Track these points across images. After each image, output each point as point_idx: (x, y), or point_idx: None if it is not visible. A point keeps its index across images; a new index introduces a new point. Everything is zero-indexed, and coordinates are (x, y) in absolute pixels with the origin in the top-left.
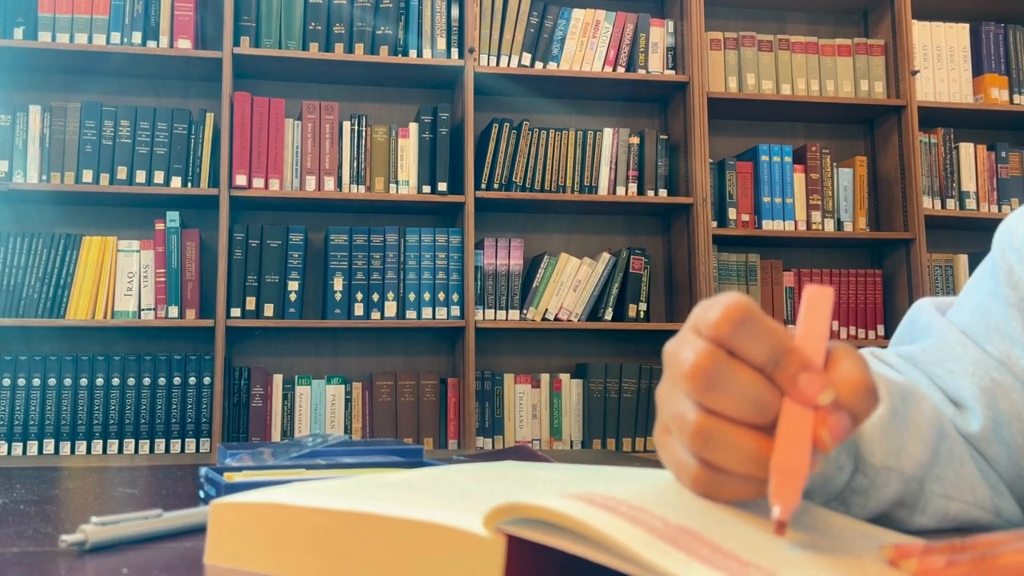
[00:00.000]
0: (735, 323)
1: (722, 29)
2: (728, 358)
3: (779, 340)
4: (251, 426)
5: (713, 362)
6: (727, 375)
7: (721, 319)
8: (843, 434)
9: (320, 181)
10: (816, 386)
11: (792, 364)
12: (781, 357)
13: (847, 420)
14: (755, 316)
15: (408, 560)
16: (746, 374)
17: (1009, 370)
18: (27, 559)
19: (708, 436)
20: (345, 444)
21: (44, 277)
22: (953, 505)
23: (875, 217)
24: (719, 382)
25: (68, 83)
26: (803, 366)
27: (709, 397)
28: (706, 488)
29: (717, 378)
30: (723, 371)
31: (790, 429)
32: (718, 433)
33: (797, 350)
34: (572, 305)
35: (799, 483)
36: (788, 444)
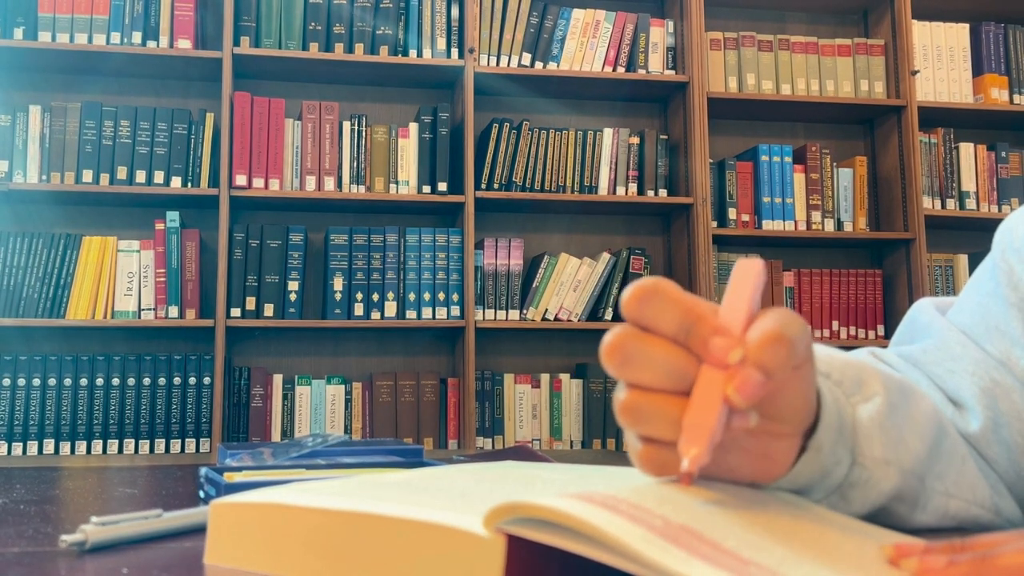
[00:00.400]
0: (640, 299)
1: (722, 29)
2: (639, 332)
3: (687, 309)
4: (251, 426)
5: (623, 338)
6: (638, 348)
7: (627, 298)
8: (752, 389)
9: (320, 181)
10: (725, 347)
11: (703, 329)
12: (691, 325)
13: (755, 375)
14: (660, 290)
15: (408, 560)
16: (658, 345)
17: (1009, 370)
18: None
19: (635, 409)
20: (345, 444)
21: (44, 277)
22: (953, 503)
23: (875, 217)
24: (632, 356)
25: (68, 83)
26: (714, 331)
27: (626, 372)
28: (653, 464)
29: (629, 352)
30: (634, 345)
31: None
32: (643, 404)
33: (706, 317)
34: (572, 305)
35: (705, 436)
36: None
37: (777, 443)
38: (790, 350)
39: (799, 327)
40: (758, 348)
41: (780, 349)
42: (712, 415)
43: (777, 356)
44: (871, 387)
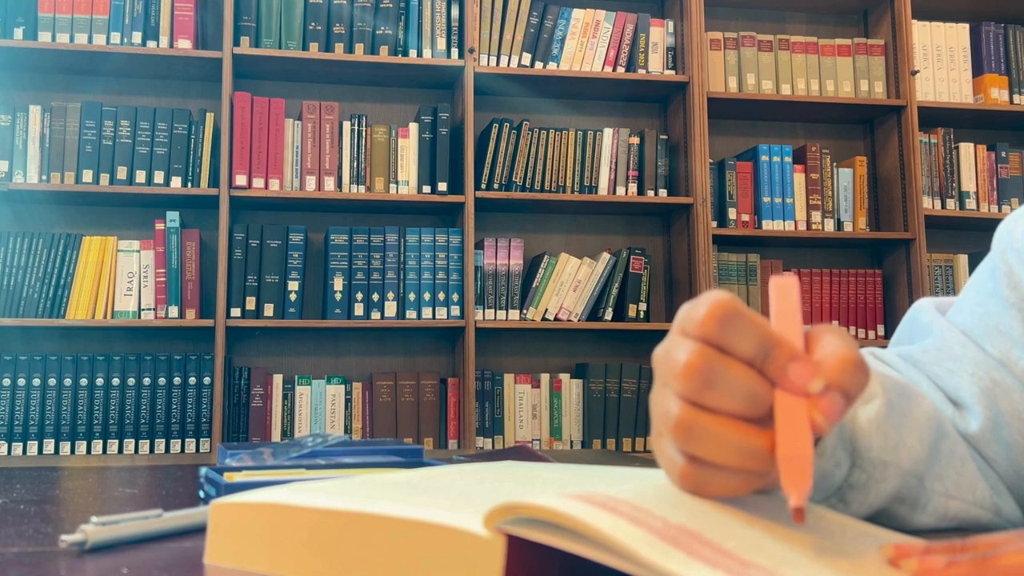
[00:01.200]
0: (721, 320)
1: (722, 29)
2: (719, 355)
3: (766, 333)
4: (251, 426)
5: (705, 360)
6: (720, 372)
7: (707, 317)
8: (837, 414)
9: (320, 181)
10: (805, 374)
11: (781, 355)
12: (770, 350)
13: (839, 400)
14: (740, 311)
15: (408, 560)
16: (738, 369)
17: (1009, 370)
18: (27, 559)
19: (691, 428)
20: (345, 444)
21: (44, 277)
22: (953, 504)
23: (875, 217)
24: (713, 379)
25: (68, 83)
26: (791, 356)
27: (703, 395)
28: (694, 483)
29: (711, 375)
30: (716, 368)
31: (787, 418)
32: (701, 425)
33: (784, 341)
34: (572, 305)
35: (807, 468)
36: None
37: None
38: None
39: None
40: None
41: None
42: (808, 445)
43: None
44: (870, 389)
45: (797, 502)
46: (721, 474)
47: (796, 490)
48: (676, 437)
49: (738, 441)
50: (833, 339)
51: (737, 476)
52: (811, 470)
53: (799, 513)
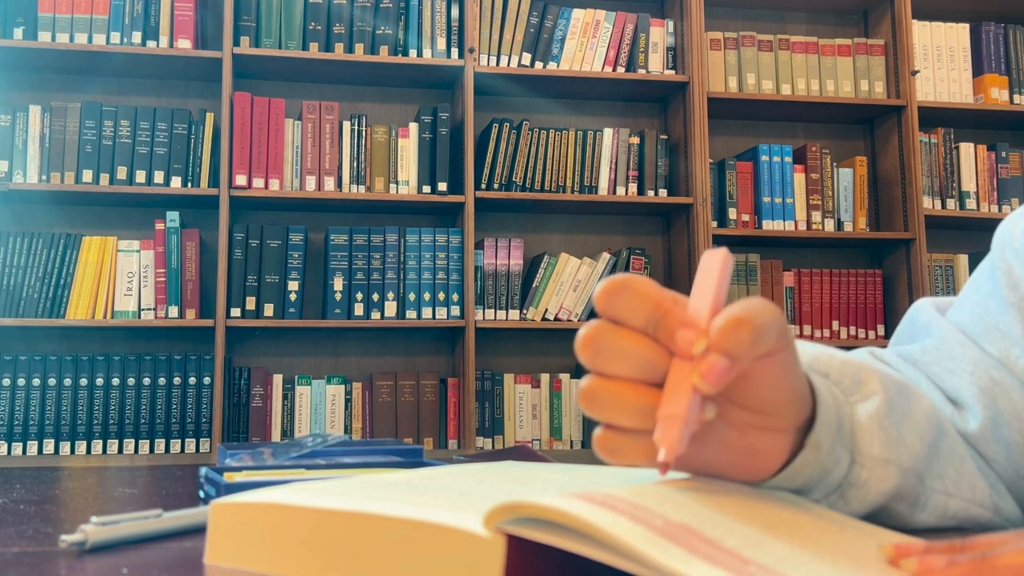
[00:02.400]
0: (610, 293)
1: (722, 29)
2: (611, 326)
3: (655, 303)
4: (251, 426)
5: (596, 331)
6: (610, 340)
7: (598, 293)
8: (717, 376)
9: (320, 181)
10: (690, 338)
11: (671, 321)
12: (659, 318)
13: (720, 361)
14: (629, 285)
15: (408, 560)
16: (629, 337)
17: (1008, 370)
18: (27, 559)
19: (594, 395)
20: (345, 444)
21: (44, 277)
22: (953, 502)
23: (875, 217)
24: (603, 348)
25: (68, 83)
26: (681, 323)
27: (599, 362)
28: (608, 450)
29: (600, 345)
30: (606, 337)
31: (674, 381)
32: (603, 391)
33: (673, 310)
34: (572, 305)
35: (678, 426)
36: (671, 394)
37: (763, 437)
38: (753, 334)
39: (769, 313)
40: (720, 333)
41: (742, 333)
42: (683, 404)
43: (740, 340)
44: (870, 386)
45: (664, 457)
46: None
47: (665, 446)
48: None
49: (636, 402)
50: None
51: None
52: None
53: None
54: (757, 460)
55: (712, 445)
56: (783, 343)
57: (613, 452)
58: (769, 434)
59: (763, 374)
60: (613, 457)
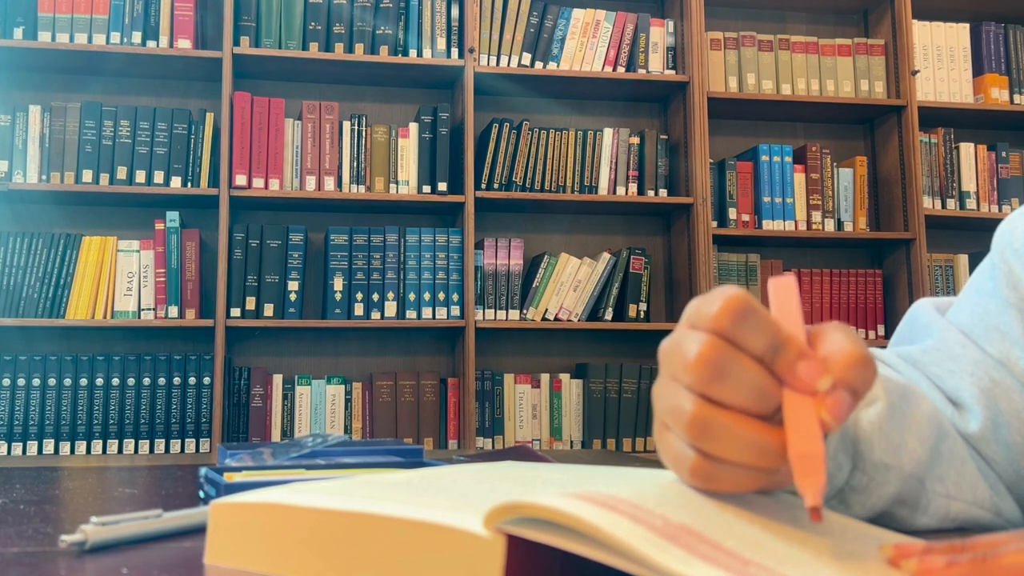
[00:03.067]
0: (736, 314)
1: (722, 29)
2: (731, 348)
3: (777, 331)
4: (251, 426)
5: (718, 352)
6: (731, 365)
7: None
8: (845, 412)
9: (320, 181)
10: (814, 372)
11: (790, 353)
12: (780, 347)
13: (847, 398)
14: (754, 307)
15: (408, 560)
16: (748, 364)
17: (1008, 370)
18: (27, 559)
19: (706, 424)
20: (345, 444)
21: (44, 277)
22: (954, 505)
23: (875, 217)
24: (723, 372)
25: (68, 83)
26: (800, 354)
27: (713, 387)
28: (704, 479)
29: (721, 368)
30: (727, 361)
31: (797, 416)
32: (716, 421)
33: (794, 339)
34: (572, 305)
35: (820, 466)
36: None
37: None
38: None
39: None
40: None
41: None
42: (819, 443)
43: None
44: (873, 391)
45: (813, 501)
46: (732, 469)
47: (811, 488)
48: (690, 432)
49: (751, 438)
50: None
51: (747, 472)
52: (823, 467)
53: (816, 512)
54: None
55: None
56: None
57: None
58: None
59: None
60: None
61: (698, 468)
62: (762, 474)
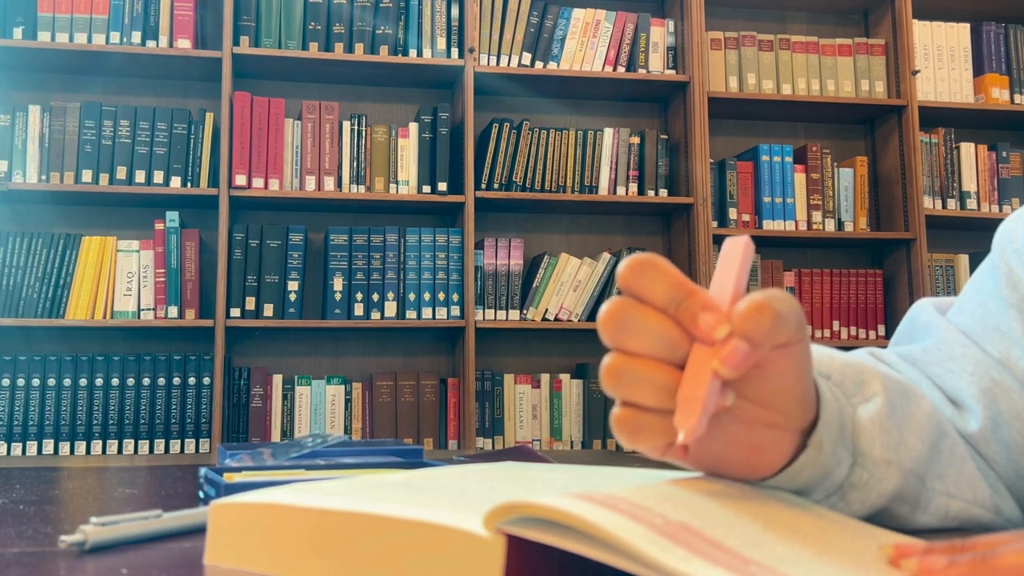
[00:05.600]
0: (636, 270)
1: (722, 29)
2: (634, 302)
3: (679, 284)
4: (251, 426)
5: (620, 307)
6: (634, 317)
7: (622, 269)
8: (737, 361)
9: (320, 181)
10: (712, 322)
11: (693, 304)
12: (682, 299)
13: (741, 345)
14: (654, 263)
15: (408, 560)
16: (652, 315)
17: (1008, 370)
18: (27, 559)
19: (619, 372)
20: (345, 444)
21: (44, 277)
22: (954, 503)
23: (875, 217)
24: (627, 324)
25: (68, 83)
26: (703, 306)
27: (620, 339)
28: (628, 429)
29: (624, 320)
30: (629, 313)
31: (695, 364)
32: (627, 368)
33: (697, 293)
34: (572, 305)
35: (697, 409)
36: (691, 377)
37: (769, 434)
38: (774, 320)
39: (788, 303)
40: (742, 318)
41: (764, 318)
42: (703, 387)
43: (761, 325)
44: (871, 387)
45: (683, 439)
46: (651, 417)
47: (684, 428)
48: (606, 381)
49: (660, 380)
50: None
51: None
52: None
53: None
54: (761, 457)
55: (718, 439)
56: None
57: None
58: (774, 431)
59: (777, 367)
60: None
61: (620, 418)
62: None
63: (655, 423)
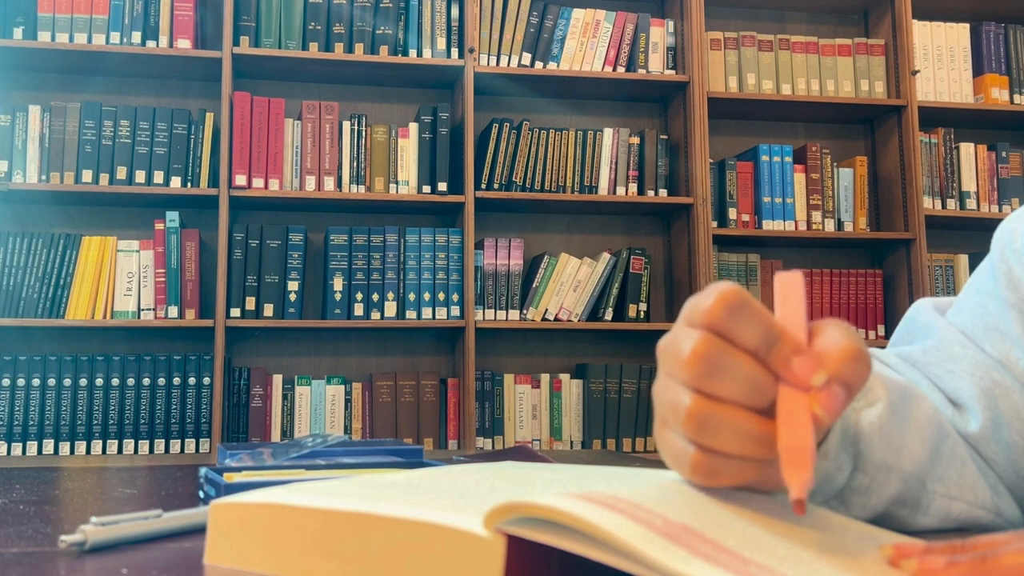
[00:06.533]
0: (729, 309)
1: (722, 29)
2: (725, 343)
3: (771, 325)
4: (251, 426)
5: (711, 348)
6: (725, 360)
7: (715, 306)
8: (838, 407)
9: (320, 181)
10: (808, 367)
11: (785, 347)
12: (774, 342)
13: (840, 393)
14: (748, 302)
15: (408, 560)
16: (742, 358)
17: (1008, 371)
18: (27, 559)
19: (704, 419)
20: (345, 444)
21: (44, 277)
22: (955, 505)
23: (875, 217)
24: (718, 367)
25: (68, 83)
26: (795, 349)
27: (708, 383)
28: (705, 473)
29: (716, 363)
30: (721, 356)
31: (789, 409)
32: (714, 415)
33: (789, 334)
34: (572, 305)
35: (808, 460)
36: (790, 424)
37: None
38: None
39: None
40: (842, 366)
41: (862, 367)
42: (809, 436)
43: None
44: (874, 392)
45: (798, 493)
46: (731, 463)
47: (797, 480)
48: (688, 427)
49: (748, 429)
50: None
51: (747, 465)
52: (811, 461)
53: (800, 505)
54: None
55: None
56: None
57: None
58: None
59: None
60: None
61: (698, 463)
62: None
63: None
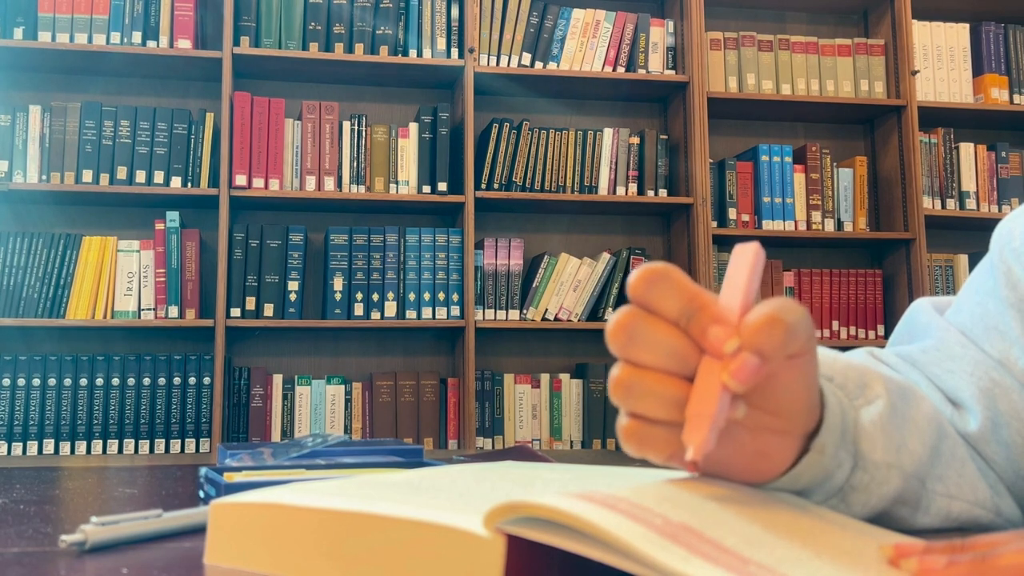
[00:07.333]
0: (648, 281)
1: (722, 29)
2: (644, 314)
3: (691, 297)
4: (251, 426)
5: (631, 318)
6: (643, 329)
7: (635, 279)
8: (748, 375)
9: (320, 181)
10: (722, 336)
11: (703, 318)
12: (693, 312)
13: (752, 361)
14: (667, 275)
15: (408, 560)
16: (662, 327)
17: (1008, 370)
18: (27, 559)
19: (629, 385)
20: (345, 444)
21: (44, 277)
22: (955, 505)
23: (875, 217)
24: (636, 335)
25: (68, 83)
26: (713, 319)
27: (630, 351)
28: (636, 441)
29: (634, 332)
30: (639, 325)
31: (705, 377)
32: (637, 381)
33: (708, 306)
34: (572, 305)
35: (706, 425)
36: (700, 391)
37: (774, 440)
38: (786, 333)
39: (798, 314)
40: (753, 332)
41: (775, 332)
42: (712, 403)
43: (772, 339)
44: (874, 390)
45: (692, 455)
46: (658, 430)
47: (693, 444)
48: (616, 393)
49: (670, 394)
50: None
51: (675, 432)
52: (708, 426)
53: (692, 465)
54: (765, 462)
55: (724, 446)
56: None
57: (639, 442)
58: (779, 437)
59: (787, 377)
60: (638, 447)
61: (628, 430)
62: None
63: (663, 434)
